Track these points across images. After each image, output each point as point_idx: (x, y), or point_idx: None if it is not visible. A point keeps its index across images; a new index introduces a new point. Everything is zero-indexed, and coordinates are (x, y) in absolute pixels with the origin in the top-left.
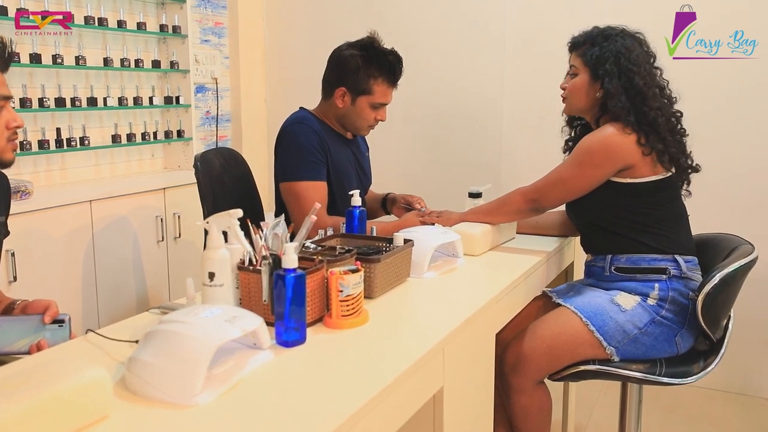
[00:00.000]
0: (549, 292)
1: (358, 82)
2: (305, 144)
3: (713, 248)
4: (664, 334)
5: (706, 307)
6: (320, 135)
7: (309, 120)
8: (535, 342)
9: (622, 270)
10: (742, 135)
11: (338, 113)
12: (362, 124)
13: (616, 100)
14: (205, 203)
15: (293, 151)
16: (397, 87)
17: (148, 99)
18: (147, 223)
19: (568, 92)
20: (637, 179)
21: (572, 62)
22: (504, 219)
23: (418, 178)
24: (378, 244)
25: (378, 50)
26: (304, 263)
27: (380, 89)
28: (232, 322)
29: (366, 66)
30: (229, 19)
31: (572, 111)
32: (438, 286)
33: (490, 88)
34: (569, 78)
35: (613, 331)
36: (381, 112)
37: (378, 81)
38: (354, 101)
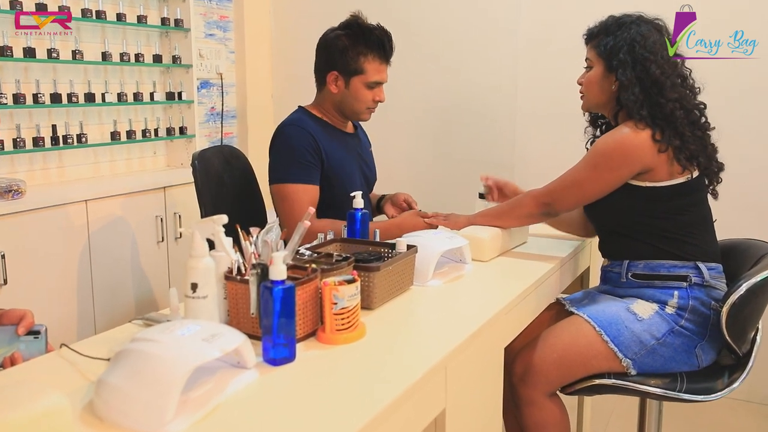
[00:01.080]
0: (563, 299)
1: (348, 62)
2: (297, 146)
3: (740, 255)
4: (684, 345)
5: (732, 318)
6: (315, 136)
7: (304, 121)
8: (545, 352)
9: (639, 276)
10: (742, 135)
11: (334, 100)
12: (360, 107)
13: (629, 92)
14: (203, 204)
15: (285, 153)
16: (390, 64)
17: (149, 95)
18: (146, 223)
19: (584, 87)
20: (657, 183)
21: (587, 55)
22: (514, 223)
23: (425, 177)
24: (380, 249)
25: (363, 27)
26: (296, 272)
27: (372, 66)
28: (210, 340)
29: (353, 44)
30: (234, 13)
31: (590, 107)
32: (443, 296)
33: (502, 81)
34: (585, 72)
35: (628, 342)
36: (378, 92)
37: (368, 58)
38: (348, 84)
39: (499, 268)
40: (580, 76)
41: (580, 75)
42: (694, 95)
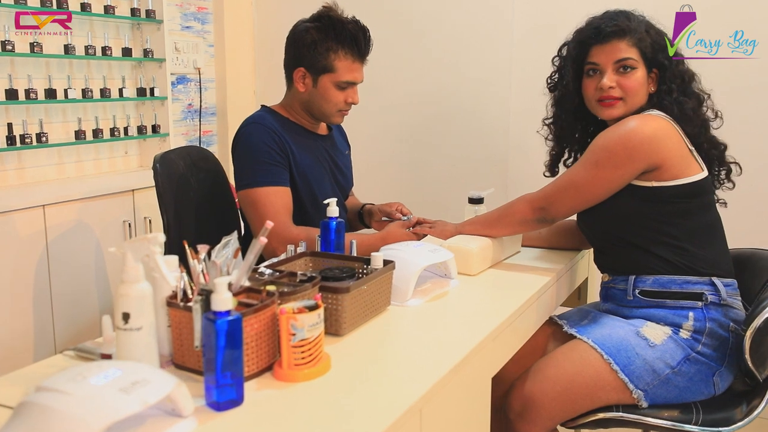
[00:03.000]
0: (559, 319)
1: (317, 59)
2: (260, 145)
3: (750, 268)
4: (701, 373)
5: (756, 343)
6: (279, 134)
7: (265, 119)
8: (546, 384)
9: (648, 294)
10: (742, 136)
11: (302, 100)
12: (330, 109)
13: (671, 95)
14: (165, 211)
15: (247, 155)
16: (366, 62)
17: (118, 91)
18: (112, 228)
19: (628, 92)
20: (665, 182)
21: (624, 54)
22: (506, 231)
23: (413, 178)
24: (354, 265)
25: (335, 20)
26: (252, 296)
27: (343, 64)
28: (129, 390)
29: (322, 38)
30: (213, 4)
31: (627, 113)
32: (423, 318)
33: (495, 75)
34: (616, 74)
35: (640, 371)
36: (350, 93)
37: (339, 55)
38: (316, 82)
39: (489, 284)
40: (607, 80)
41: (605, 79)
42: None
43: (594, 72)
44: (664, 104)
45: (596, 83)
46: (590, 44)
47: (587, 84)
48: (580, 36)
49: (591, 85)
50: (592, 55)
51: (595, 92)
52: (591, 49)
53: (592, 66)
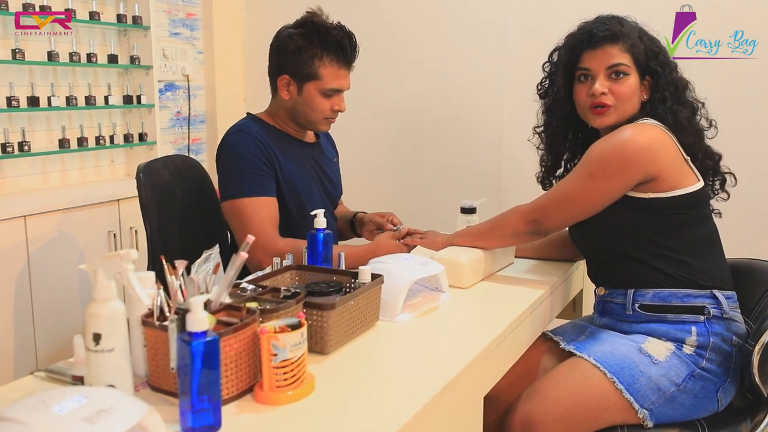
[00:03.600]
0: (554, 336)
1: (301, 66)
2: (245, 154)
3: (746, 279)
4: (706, 390)
5: (764, 359)
6: (265, 142)
7: (250, 127)
8: (548, 405)
9: (648, 308)
10: (741, 137)
11: (287, 107)
12: (316, 117)
13: (665, 104)
14: (148, 222)
15: (232, 164)
16: (352, 68)
17: (104, 98)
18: (97, 239)
19: (619, 99)
20: (661, 193)
21: (616, 59)
22: (499, 243)
23: (404, 188)
24: (342, 279)
25: (319, 25)
26: (232, 314)
27: (328, 72)
28: (94, 420)
29: (307, 45)
30: (202, 10)
31: (617, 123)
32: (413, 334)
33: (489, 83)
34: (608, 80)
35: (645, 390)
36: (336, 101)
37: (324, 62)
38: (301, 90)
39: (481, 297)
40: (599, 85)
41: (597, 85)
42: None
43: (585, 78)
44: (657, 113)
45: (588, 89)
46: (582, 49)
47: (578, 90)
48: (571, 41)
49: (582, 91)
50: (583, 60)
51: (587, 98)
52: (583, 54)
53: (584, 71)
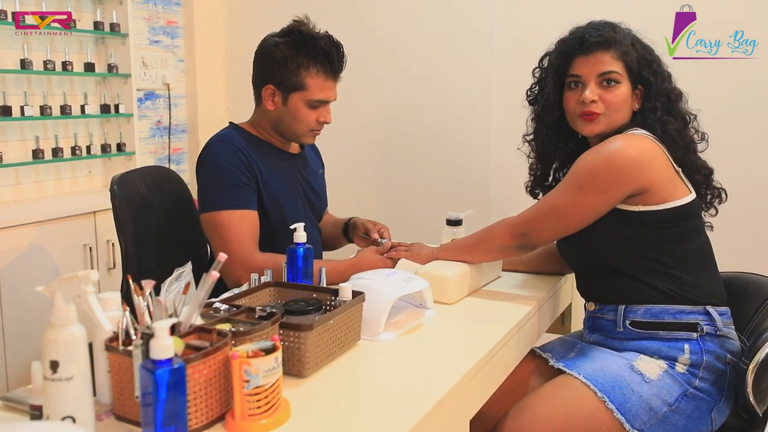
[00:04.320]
0: (542, 352)
1: (287, 76)
2: (226, 165)
3: (739, 294)
4: (700, 410)
5: (759, 378)
6: (247, 153)
7: (233, 137)
8: (537, 424)
9: (639, 325)
10: (741, 137)
11: (271, 118)
12: (301, 129)
13: (656, 113)
14: (123, 237)
15: (212, 175)
16: (339, 79)
17: (80, 108)
18: (72, 253)
19: (610, 107)
20: (653, 206)
21: (608, 66)
22: (485, 258)
23: (388, 200)
24: (322, 296)
25: (306, 35)
26: (203, 337)
27: (315, 82)
28: None
29: (293, 55)
30: (183, 18)
31: (607, 132)
32: (396, 354)
33: (475, 92)
34: (598, 88)
35: (636, 410)
36: (323, 112)
37: (311, 72)
38: (286, 101)
39: (467, 314)
40: (589, 93)
41: (588, 92)
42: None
43: (576, 84)
44: (647, 123)
45: (578, 96)
46: (573, 55)
47: (568, 97)
48: (562, 46)
49: (572, 99)
50: (574, 66)
51: (577, 106)
52: (574, 61)
53: (574, 78)
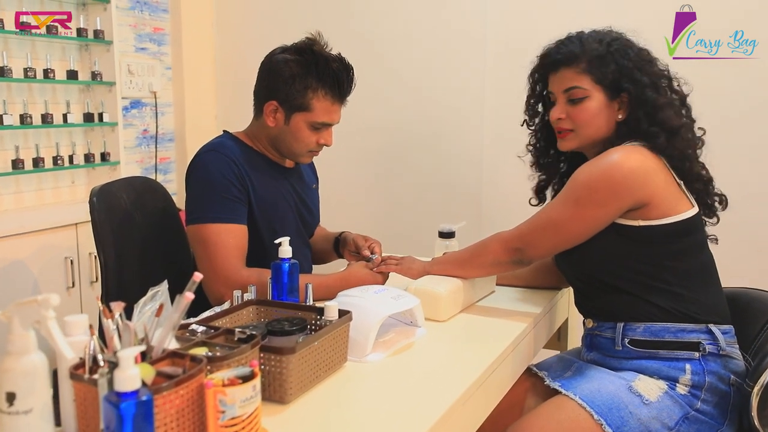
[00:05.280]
0: (538, 370)
1: (293, 95)
2: (216, 176)
3: (742, 311)
4: None
5: (764, 401)
6: (240, 165)
7: (226, 147)
8: None
9: (639, 344)
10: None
11: (270, 134)
12: (300, 149)
13: (640, 124)
14: (103, 252)
15: (202, 186)
16: (345, 103)
17: (62, 116)
18: (52, 266)
19: (577, 123)
20: (653, 221)
21: (572, 83)
22: (478, 273)
23: (379, 211)
24: (307, 315)
25: (318, 55)
26: (177, 363)
27: (321, 105)
28: None
29: (303, 75)
30: (171, 25)
31: (583, 145)
32: (385, 377)
33: (468, 101)
34: (566, 104)
35: None
36: (324, 135)
37: (318, 95)
38: (288, 119)
39: (459, 332)
40: (556, 110)
41: (555, 109)
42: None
43: (552, 102)
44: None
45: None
46: (547, 72)
47: (549, 113)
48: (538, 63)
49: (550, 115)
50: (550, 83)
51: (554, 122)
52: (548, 78)
53: (551, 95)
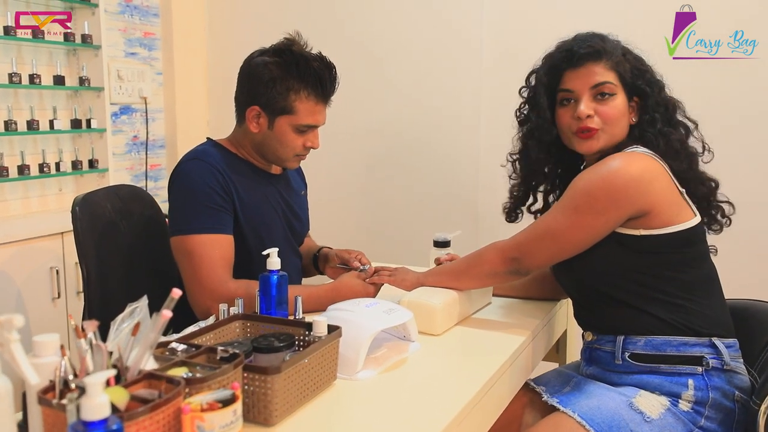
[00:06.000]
0: (536, 386)
1: (275, 98)
2: (200, 185)
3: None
4: None
5: None
6: (224, 173)
7: (209, 155)
8: None
9: (640, 358)
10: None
11: (254, 141)
12: (286, 154)
13: (655, 125)
14: (85, 262)
15: (185, 196)
16: (329, 104)
17: (48, 123)
18: (38, 277)
19: (607, 121)
20: (655, 230)
21: (601, 77)
22: (474, 284)
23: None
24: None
25: (298, 55)
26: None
27: (305, 107)
28: None
29: (283, 76)
30: (162, 29)
31: (606, 149)
32: (376, 395)
33: (464, 106)
34: (593, 101)
35: None
36: (310, 137)
37: (301, 96)
38: (272, 124)
39: (455, 347)
40: (584, 107)
41: (582, 106)
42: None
43: (569, 101)
44: (646, 137)
45: (572, 112)
46: (563, 69)
47: (561, 114)
48: (550, 61)
49: (566, 115)
50: (565, 81)
51: (571, 122)
52: (564, 75)
53: (566, 94)
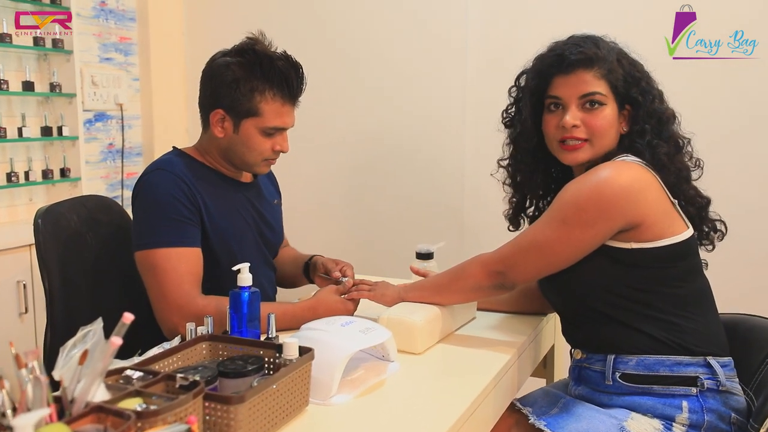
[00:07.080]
0: (522, 406)
1: (239, 100)
2: (165, 197)
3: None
4: None
5: None
6: (189, 183)
7: (174, 164)
8: None
9: (631, 378)
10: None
11: (220, 146)
12: (254, 158)
13: (644, 137)
14: (48, 278)
15: (149, 208)
16: (297, 104)
17: (17, 130)
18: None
19: (594, 132)
20: (646, 243)
21: (591, 87)
22: (457, 299)
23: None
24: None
25: (261, 55)
26: (103, 419)
27: (270, 108)
28: None
29: (247, 77)
30: (138, 34)
31: (594, 159)
32: (351, 422)
33: (448, 114)
34: (581, 111)
35: None
36: (279, 140)
37: (266, 97)
38: (237, 127)
39: (437, 365)
40: (569, 116)
41: (568, 115)
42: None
43: (556, 107)
44: (635, 147)
45: (558, 120)
46: (552, 74)
47: (548, 120)
48: (540, 64)
49: (552, 122)
50: (553, 87)
51: (557, 131)
52: (553, 80)
53: (554, 100)
